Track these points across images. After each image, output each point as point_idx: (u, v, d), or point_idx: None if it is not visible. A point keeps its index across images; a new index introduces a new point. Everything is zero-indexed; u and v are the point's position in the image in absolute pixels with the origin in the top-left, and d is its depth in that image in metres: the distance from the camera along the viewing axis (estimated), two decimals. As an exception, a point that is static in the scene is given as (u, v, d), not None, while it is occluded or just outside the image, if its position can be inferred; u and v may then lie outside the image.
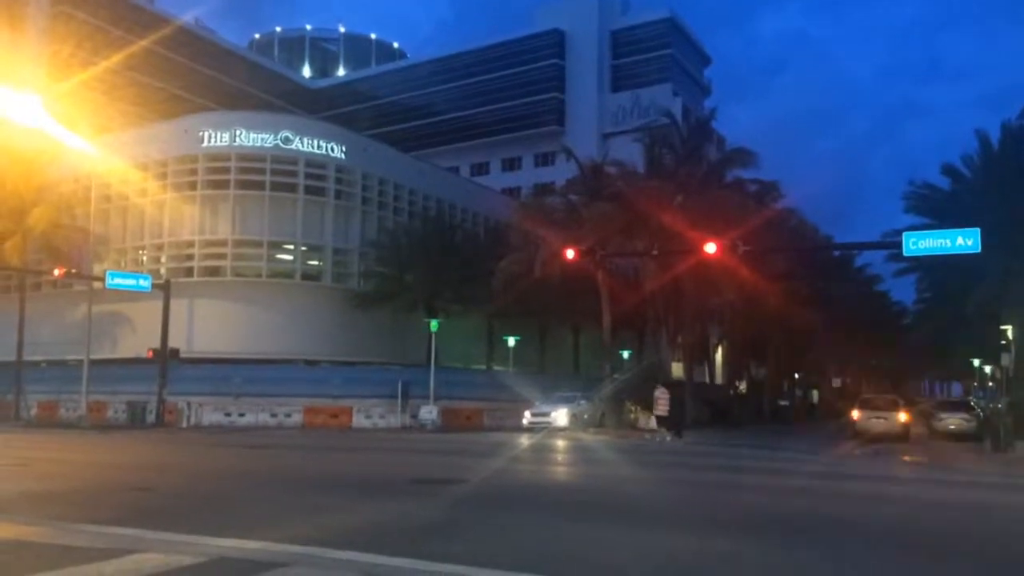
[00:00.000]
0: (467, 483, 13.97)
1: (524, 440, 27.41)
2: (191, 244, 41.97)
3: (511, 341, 43.47)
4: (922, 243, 23.90)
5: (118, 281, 36.07)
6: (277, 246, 42.99)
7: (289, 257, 43.46)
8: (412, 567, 6.80)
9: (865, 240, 47.47)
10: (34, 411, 38.39)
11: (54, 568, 6.51)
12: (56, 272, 36.12)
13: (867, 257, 59.40)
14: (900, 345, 68.47)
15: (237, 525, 8.77)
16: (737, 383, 62.41)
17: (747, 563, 7.56)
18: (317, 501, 11.53)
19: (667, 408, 30.88)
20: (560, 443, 26.73)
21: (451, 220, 48.60)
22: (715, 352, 60.23)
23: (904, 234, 25.32)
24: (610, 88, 76.73)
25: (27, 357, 38.64)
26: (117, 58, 53.11)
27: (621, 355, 48.38)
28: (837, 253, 52.54)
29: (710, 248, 25.61)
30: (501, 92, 77.69)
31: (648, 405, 37.23)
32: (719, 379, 60.66)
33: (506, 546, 8.16)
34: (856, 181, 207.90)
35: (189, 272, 41.33)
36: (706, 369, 57.17)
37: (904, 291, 75.08)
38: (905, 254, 25.23)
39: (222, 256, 41.95)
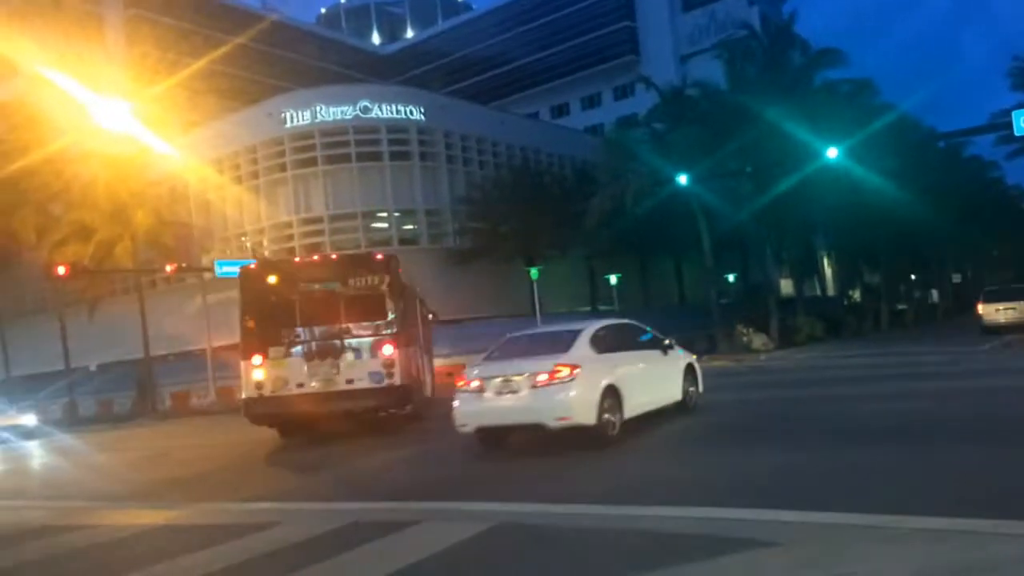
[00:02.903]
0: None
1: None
2: (289, 224, 42.93)
3: (613, 279, 43.18)
4: (1034, 120, 22.60)
5: (226, 269, 37.28)
6: (371, 215, 43.57)
7: (384, 225, 44.00)
8: (548, 511, 6.85)
9: (972, 126, 45.01)
10: (168, 402, 40.27)
11: (207, 546, 6.81)
12: (168, 268, 37.57)
13: (977, 146, 56.42)
14: (1022, 232, 65.10)
15: (367, 488, 9.01)
16: (850, 292, 60.66)
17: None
18: (445, 458, 11.75)
19: None
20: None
21: (537, 166, 48.25)
22: (824, 263, 58.59)
23: (1014, 113, 23.90)
24: (682, 8, 74.28)
25: (153, 353, 40.45)
26: (199, 58, 54.24)
27: (726, 278, 47.54)
28: (943, 143, 49.94)
29: (826, 154, 25.01)
30: (571, 29, 76.23)
31: (761, 326, 36.61)
32: (831, 291, 59.07)
33: (632, 483, 8.14)
34: (950, 64, 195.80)
35: (291, 252, 42.33)
36: (816, 282, 55.69)
37: (1020, 174, 71.16)
38: (1017, 134, 23.89)
39: (320, 232, 42.78)
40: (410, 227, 44.39)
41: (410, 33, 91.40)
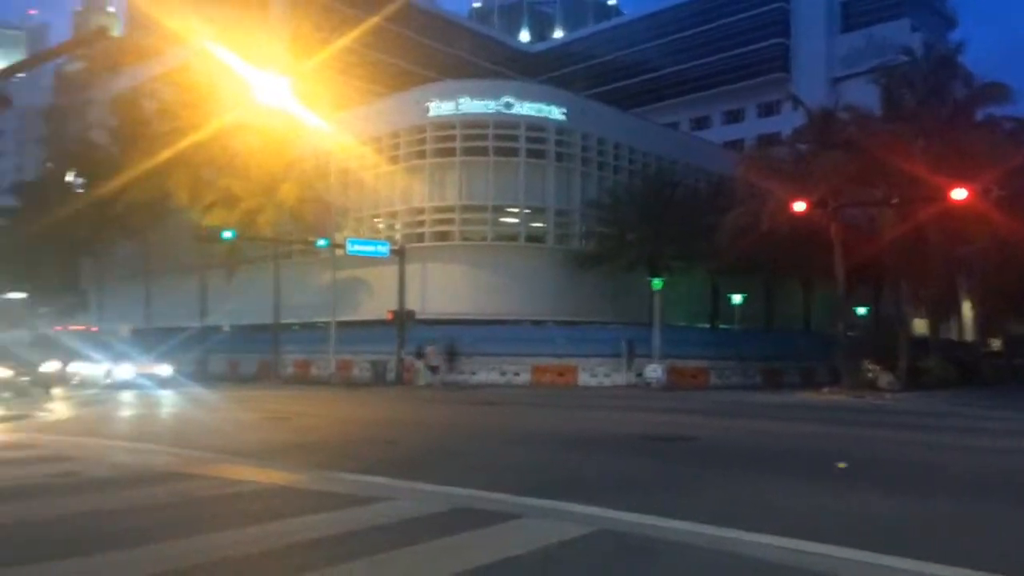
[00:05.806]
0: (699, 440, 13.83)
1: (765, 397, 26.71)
2: (422, 211, 43.84)
3: (736, 298, 42.33)
4: None
5: (358, 248, 38.80)
6: (501, 210, 44.00)
7: (513, 220, 44.37)
8: (643, 522, 6.83)
9: None
10: (290, 369, 41.96)
11: (317, 512, 7.11)
12: (317, 242, 39.51)
13: None
14: None
15: (476, 477, 9.18)
16: (990, 340, 57.48)
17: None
18: (551, 456, 11.84)
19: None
20: (802, 399, 25.84)
21: (671, 176, 47.70)
22: (964, 306, 55.69)
23: None
24: (840, 28, 71.98)
25: (282, 320, 42.21)
26: (352, 36, 55.97)
27: (855, 311, 45.81)
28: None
29: (959, 194, 23.73)
30: (721, 42, 75.02)
31: (888, 364, 35.25)
32: (969, 336, 56.15)
33: (738, 505, 8.02)
34: None
35: (421, 238, 43.23)
36: (953, 325, 53.04)
37: None
38: None
39: (451, 221, 43.53)
40: (538, 225, 44.64)
41: (559, 33, 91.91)
